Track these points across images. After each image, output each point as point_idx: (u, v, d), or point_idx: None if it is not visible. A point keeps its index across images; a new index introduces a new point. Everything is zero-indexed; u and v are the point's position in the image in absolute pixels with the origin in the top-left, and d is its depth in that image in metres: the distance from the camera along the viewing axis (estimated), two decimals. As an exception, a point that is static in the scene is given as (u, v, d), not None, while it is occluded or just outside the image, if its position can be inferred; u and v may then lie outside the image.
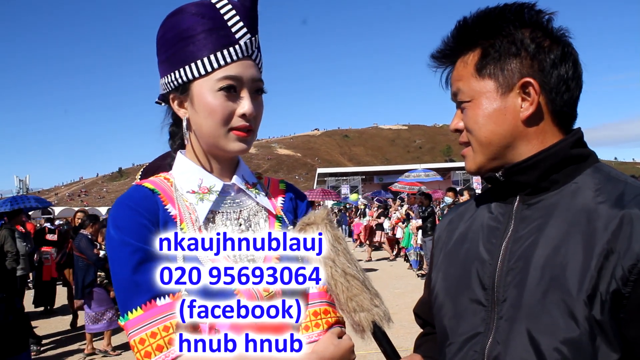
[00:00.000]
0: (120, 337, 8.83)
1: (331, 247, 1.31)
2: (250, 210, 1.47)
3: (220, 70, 1.33)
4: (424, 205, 14.05)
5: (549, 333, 1.12)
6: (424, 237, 13.84)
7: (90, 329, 8.01)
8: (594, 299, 1.09)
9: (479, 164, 1.32)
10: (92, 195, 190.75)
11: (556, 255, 1.16)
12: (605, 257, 1.09)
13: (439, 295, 1.42)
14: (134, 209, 1.33)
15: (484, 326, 1.25)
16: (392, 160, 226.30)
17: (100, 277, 8.04)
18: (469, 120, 1.30)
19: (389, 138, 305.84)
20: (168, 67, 1.38)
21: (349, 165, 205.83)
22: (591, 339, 1.08)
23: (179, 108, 1.42)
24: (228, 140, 1.36)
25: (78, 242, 8.16)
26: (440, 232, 1.55)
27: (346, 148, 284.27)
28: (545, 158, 1.23)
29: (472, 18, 1.31)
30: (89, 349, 8.08)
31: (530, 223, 1.24)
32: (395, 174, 52.05)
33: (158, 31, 1.42)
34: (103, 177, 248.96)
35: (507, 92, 1.24)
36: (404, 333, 7.04)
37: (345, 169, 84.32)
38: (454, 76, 1.34)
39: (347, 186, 58.37)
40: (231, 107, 1.34)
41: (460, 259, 1.38)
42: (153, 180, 1.44)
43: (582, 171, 1.24)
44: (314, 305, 1.43)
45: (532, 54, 1.23)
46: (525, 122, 1.24)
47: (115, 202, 1.37)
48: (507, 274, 1.23)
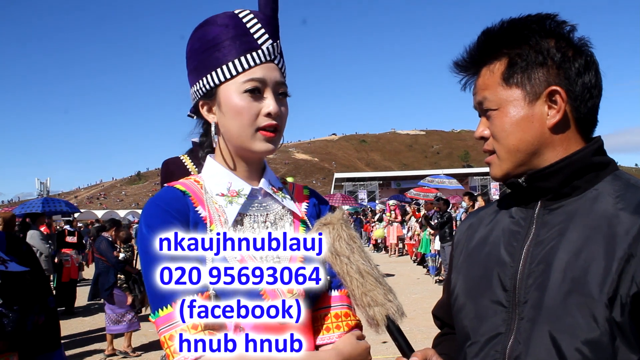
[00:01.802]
0: (140, 338, 8.93)
1: (347, 245, 1.36)
2: (277, 214, 1.51)
3: (244, 74, 1.40)
4: (441, 210, 13.99)
5: (570, 334, 1.15)
6: (443, 243, 13.78)
7: (110, 330, 8.11)
8: (614, 302, 1.12)
9: (505, 171, 1.35)
10: (111, 198, 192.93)
11: (578, 259, 1.19)
12: (627, 261, 1.13)
13: (459, 297, 1.45)
14: (165, 210, 1.38)
15: (505, 327, 1.28)
16: (410, 166, 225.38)
17: (120, 279, 8.16)
18: (496, 128, 1.33)
19: (406, 143, 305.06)
20: (196, 76, 1.46)
21: (366, 170, 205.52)
22: (611, 340, 1.11)
23: (207, 114, 1.48)
24: (255, 140, 1.41)
25: (99, 245, 8.31)
26: (460, 235, 1.58)
27: (363, 153, 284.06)
28: (568, 165, 1.27)
29: (497, 28, 1.35)
30: (110, 350, 8.16)
31: (552, 227, 1.27)
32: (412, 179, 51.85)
33: (187, 44, 1.50)
34: (122, 181, 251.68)
35: (534, 100, 1.28)
36: (422, 338, 7.04)
37: (363, 174, 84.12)
38: (480, 84, 1.37)
39: (365, 191, 58.31)
40: (257, 107, 1.39)
41: (481, 261, 1.41)
42: (184, 182, 1.49)
43: (603, 178, 1.28)
44: (335, 308, 1.48)
45: (558, 63, 1.27)
46: (551, 130, 1.28)
47: (147, 202, 1.43)
48: (528, 277, 1.26)
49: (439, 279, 14.36)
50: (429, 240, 15.41)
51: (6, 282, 1.76)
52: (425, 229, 15.87)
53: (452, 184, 24.42)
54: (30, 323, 1.80)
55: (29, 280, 1.84)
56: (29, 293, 1.82)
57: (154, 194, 1.48)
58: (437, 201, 14.98)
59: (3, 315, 1.71)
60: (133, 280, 8.29)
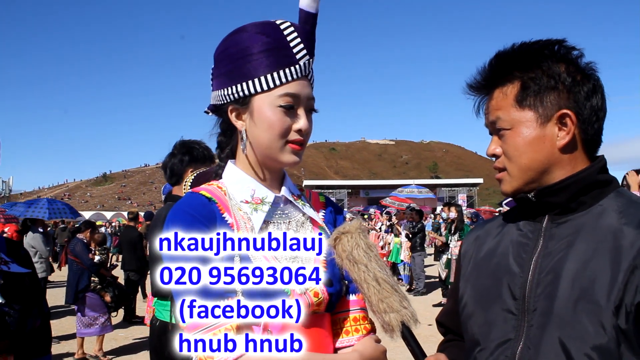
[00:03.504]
0: (111, 342, 8.84)
1: (364, 253, 1.42)
2: (298, 221, 1.54)
3: (280, 88, 1.42)
4: (414, 221, 14.17)
5: (579, 340, 1.24)
6: (413, 253, 13.95)
7: (81, 333, 7.99)
8: (620, 310, 1.21)
9: (515, 188, 1.44)
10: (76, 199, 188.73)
11: (585, 269, 1.28)
12: (632, 272, 1.22)
13: (468, 305, 1.53)
14: (192, 215, 1.40)
15: (514, 333, 1.36)
16: (379, 175, 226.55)
17: (94, 282, 8.06)
18: (509, 147, 1.41)
19: (375, 152, 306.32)
20: (227, 80, 1.46)
21: (335, 178, 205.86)
22: (617, 345, 1.20)
23: (236, 120, 1.49)
24: (284, 153, 1.45)
25: (73, 246, 8.19)
26: (467, 246, 1.66)
27: (333, 161, 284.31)
28: (576, 182, 1.36)
29: (509, 52, 1.44)
30: (80, 354, 8.05)
31: (560, 240, 1.36)
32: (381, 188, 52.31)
33: (218, 47, 1.50)
34: (87, 182, 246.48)
35: (546, 122, 1.37)
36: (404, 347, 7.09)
37: (332, 182, 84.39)
38: (493, 105, 1.45)
39: (333, 199, 58.42)
40: (289, 123, 1.43)
41: (490, 271, 1.49)
42: (207, 188, 1.50)
43: (606, 195, 1.38)
44: (354, 312, 1.54)
45: (569, 87, 1.36)
46: (561, 150, 1.37)
47: (173, 208, 1.44)
48: (537, 286, 1.35)
49: (411, 289, 14.45)
50: (399, 249, 15.54)
51: (8, 282, 1.78)
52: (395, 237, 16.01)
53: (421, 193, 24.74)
54: (30, 324, 1.82)
55: (29, 283, 1.87)
56: (28, 295, 1.84)
57: (119, 196, 1.48)
58: (409, 211, 15.18)
59: (6, 314, 1.73)
60: (107, 284, 8.19)
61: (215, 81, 1.51)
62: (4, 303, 1.75)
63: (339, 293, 1.52)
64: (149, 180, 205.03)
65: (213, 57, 1.52)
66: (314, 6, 1.47)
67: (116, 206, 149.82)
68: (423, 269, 14.13)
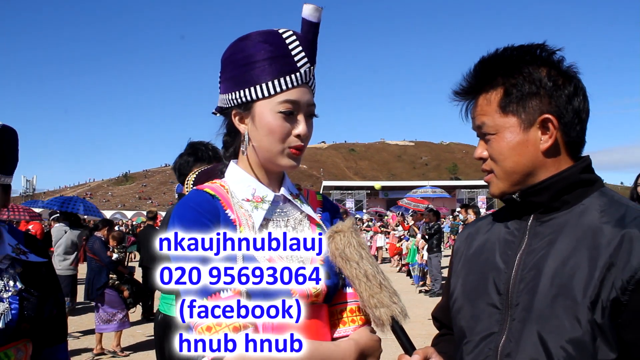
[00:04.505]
0: (128, 338, 9.00)
1: (356, 251, 1.48)
2: (296, 219, 1.61)
3: (281, 94, 1.48)
4: (431, 221, 14.15)
5: (556, 333, 1.30)
6: (430, 254, 13.93)
7: (100, 329, 8.16)
8: (596, 305, 1.26)
9: (502, 190, 1.49)
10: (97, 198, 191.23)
11: (565, 266, 1.34)
12: (608, 269, 1.27)
13: (458, 299, 1.60)
14: (197, 211, 1.46)
15: (498, 327, 1.42)
16: (398, 176, 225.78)
17: (112, 279, 8.22)
18: (494, 151, 1.46)
19: (395, 153, 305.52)
20: (232, 86, 1.53)
21: (354, 179, 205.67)
22: (592, 339, 1.26)
23: (239, 123, 1.56)
24: (283, 157, 1.51)
25: (92, 244, 8.34)
26: (459, 243, 1.72)
27: (352, 162, 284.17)
28: (558, 181, 1.41)
29: (492, 57, 1.48)
30: (98, 349, 8.21)
31: (543, 238, 1.42)
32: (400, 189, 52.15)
33: (225, 52, 1.57)
34: (109, 181, 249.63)
35: (529, 126, 1.41)
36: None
37: (351, 183, 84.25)
38: (478, 111, 1.50)
39: (352, 200, 58.40)
40: (288, 128, 1.49)
41: (479, 267, 1.55)
42: (211, 185, 1.57)
43: (590, 194, 1.42)
44: (351, 304, 1.61)
45: (550, 92, 1.40)
46: (544, 153, 1.42)
47: (178, 203, 1.51)
48: (520, 282, 1.41)
49: (424, 289, 14.46)
50: (415, 250, 15.53)
51: (26, 271, 1.89)
52: (413, 238, 16.00)
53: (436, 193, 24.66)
54: (47, 311, 1.93)
55: (45, 273, 1.98)
56: (45, 284, 1.95)
57: (140, 196, 1.54)
58: (427, 212, 15.15)
59: (25, 299, 1.84)
60: (125, 280, 8.35)
61: (221, 85, 1.59)
62: (24, 289, 1.86)
63: (336, 286, 1.57)
64: (169, 180, 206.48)
65: (220, 61, 1.59)
66: (316, 15, 1.52)
67: (137, 205, 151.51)
68: (440, 269, 14.10)
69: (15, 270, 1.88)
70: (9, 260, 1.88)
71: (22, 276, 1.88)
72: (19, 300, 1.84)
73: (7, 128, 1.84)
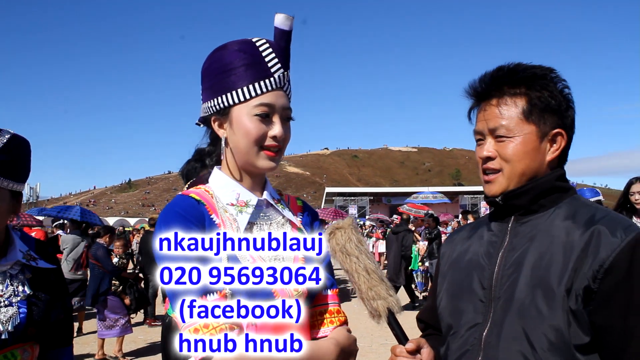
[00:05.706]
0: (130, 344, 9.06)
1: (356, 247, 1.57)
2: (278, 223, 1.67)
3: (256, 98, 1.55)
4: (430, 227, 14.20)
5: (535, 320, 1.44)
6: (430, 260, 13.95)
7: (102, 335, 8.22)
8: (570, 293, 1.41)
9: (504, 188, 1.60)
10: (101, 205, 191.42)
11: (542, 260, 1.48)
12: (580, 260, 1.43)
13: (444, 297, 1.73)
14: (183, 215, 1.50)
15: (482, 318, 1.56)
16: (401, 182, 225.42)
17: (114, 285, 8.30)
18: (509, 152, 1.57)
19: (398, 160, 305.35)
20: (211, 94, 1.61)
21: (357, 185, 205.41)
22: (567, 325, 1.40)
23: (218, 128, 1.63)
24: (259, 158, 1.57)
25: (95, 251, 8.38)
26: (446, 248, 1.87)
27: (355, 168, 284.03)
28: (535, 187, 1.57)
29: (519, 69, 1.60)
30: (100, 355, 8.26)
31: (523, 237, 1.57)
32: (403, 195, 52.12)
33: (204, 63, 1.65)
34: (112, 188, 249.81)
35: (543, 137, 1.57)
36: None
37: (354, 189, 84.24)
38: (496, 113, 1.59)
39: (355, 206, 58.40)
40: (264, 130, 1.55)
41: (464, 266, 1.69)
42: (196, 191, 1.61)
43: (564, 199, 1.59)
44: (331, 305, 1.68)
45: (563, 111, 1.57)
46: (549, 162, 1.59)
47: (165, 208, 1.56)
48: (502, 277, 1.55)
49: (425, 295, 14.45)
50: (417, 256, 15.54)
51: (35, 277, 1.97)
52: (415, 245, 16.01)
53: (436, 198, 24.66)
54: (54, 316, 2.01)
55: (54, 279, 2.06)
56: (53, 290, 2.03)
57: (143, 203, 1.59)
58: (427, 218, 15.20)
59: (33, 304, 1.92)
60: (129, 285, 8.43)
61: (202, 95, 1.67)
62: (32, 294, 1.94)
63: (316, 288, 1.62)
64: (173, 187, 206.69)
65: (200, 73, 1.67)
66: (288, 24, 1.62)
67: (140, 212, 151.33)
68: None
69: (25, 276, 1.95)
70: (19, 266, 1.95)
71: (31, 282, 1.95)
72: (27, 305, 1.90)
73: (19, 137, 1.91)
